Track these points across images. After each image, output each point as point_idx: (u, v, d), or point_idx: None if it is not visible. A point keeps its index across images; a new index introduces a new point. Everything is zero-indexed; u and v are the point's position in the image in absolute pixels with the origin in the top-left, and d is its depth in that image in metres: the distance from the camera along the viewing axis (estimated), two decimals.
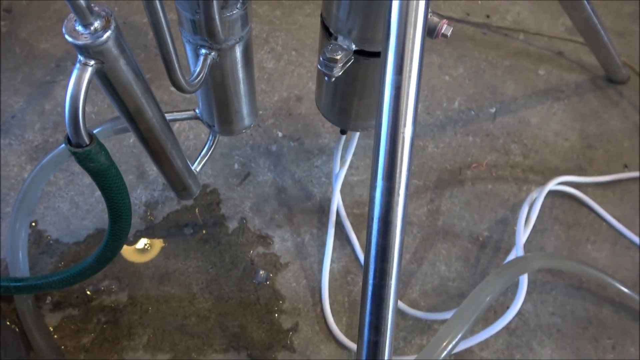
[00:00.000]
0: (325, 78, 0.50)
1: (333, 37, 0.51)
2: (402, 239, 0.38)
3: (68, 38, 0.35)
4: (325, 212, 0.77)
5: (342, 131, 0.69)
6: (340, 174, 0.73)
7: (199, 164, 0.64)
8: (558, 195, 0.81)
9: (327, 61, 0.48)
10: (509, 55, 0.97)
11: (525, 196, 0.81)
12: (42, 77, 0.86)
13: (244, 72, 0.53)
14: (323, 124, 0.85)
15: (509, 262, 0.61)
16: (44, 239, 0.72)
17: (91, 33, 0.34)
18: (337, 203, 0.74)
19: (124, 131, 0.62)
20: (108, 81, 0.38)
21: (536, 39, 1.00)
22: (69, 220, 0.74)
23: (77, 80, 0.36)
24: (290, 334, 0.68)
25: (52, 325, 0.67)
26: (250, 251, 0.73)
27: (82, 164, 0.40)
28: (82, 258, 0.71)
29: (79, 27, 0.35)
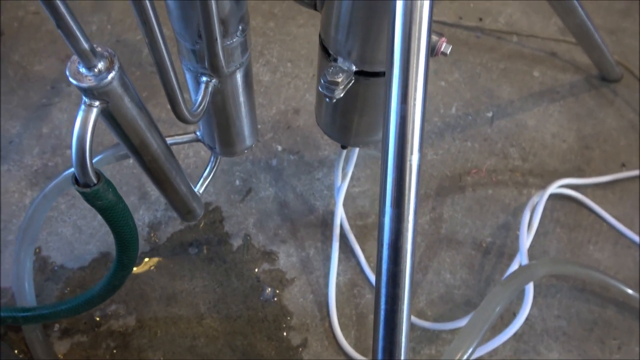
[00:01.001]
0: (326, 99, 0.50)
1: (332, 58, 0.51)
2: (412, 264, 0.38)
3: (72, 81, 0.35)
4: (328, 225, 0.78)
5: (343, 146, 0.69)
6: (342, 187, 0.74)
7: (202, 185, 0.64)
8: (558, 198, 0.82)
9: (328, 84, 0.48)
10: (503, 58, 0.98)
11: (525, 200, 0.82)
12: (37, 100, 0.86)
13: (245, 95, 0.53)
14: (322, 136, 0.86)
15: (514, 272, 0.61)
16: (48, 266, 0.72)
17: (95, 75, 0.34)
18: (340, 216, 0.75)
19: (125, 157, 0.62)
20: (113, 119, 0.38)
21: (529, 40, 1.00)
22: (72, 245, 0.74)
23: (83, 122, 0.35)
24: (300, 350, 0.68)
25: (61, 352, 0.66)
26: (256, 268, 0.74)
27: (90, 202, 0.40)
28: (88, 283, 0.71)
29: (82, 69, 0.34)
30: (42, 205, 0.63)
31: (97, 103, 0.36)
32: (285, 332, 0.69)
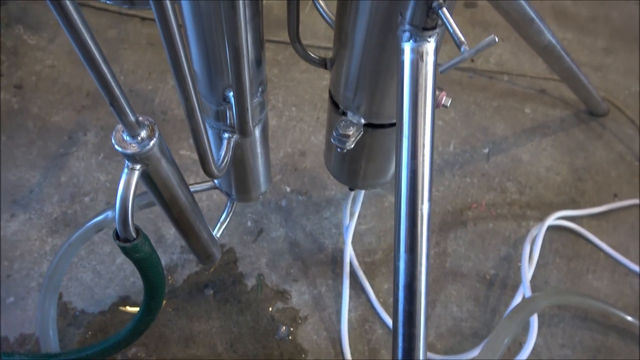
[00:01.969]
0: (337, 149, 0.55)
1: (341, 112, 0.56)
2: (426, 305, 0.42)
3: (118, 148, 0.39)
4: (338, 262, 0.81)
5: (350, 188, 0.73)
6: (350, 226, 0.77)
7: (219, 229, 0.68)
8: (556, 229, 0.86)
9: (340, 137, 0.52)
10: (495, 96, 1.03)
11: (524, 232, 0.86)
12: (56, 150, 0.90)
13: (262, 147, 0.57)
14: (328, 177, 0.90)
15: (518, 304, 0.64)
16: (69, 311, 0.75)
17: (138, 142, 0.38)
18: (349, 255, 0.78)
19: (148, 206, 0.65)
20: (151, 179, 0.42)
21: (519, 79, 1.06)
22: (92, 290, 0.76)
23: (126, 185, 0.39)
24: None
25: None
26: (270, 307, 0.76)
27: (128, 255, 0.43)
28: (109, 327, 0.73)
29: (127, 138, 0.39)
30: (67, 254, 0.66)
31: (138, 166, 0.40)
32: None
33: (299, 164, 0.91)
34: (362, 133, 0.55)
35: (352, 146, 0.54)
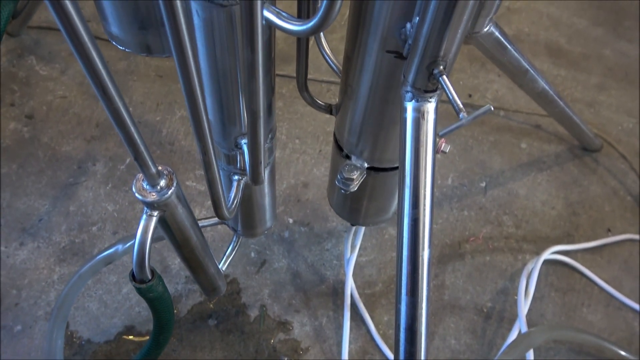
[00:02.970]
0: (342, 191, 0.57)
1: (345, 155, 0.58)
2: (427, 345, 0.44)
3: (138, 196, 0.41)
4: (339, 294, 0.83)
5: (352, 223, 0.76)
6: (351, 259, 0.79)
7: (225, 263, 0.70)
8: (551, 263, 0.88)
9: (344, 180, 0.55)
10: (492, 131, 1.07)
11: (521, 265, 0.88)
12: (65, 180, 0.93)
13: (269, 187, 0.60)
14: (330, 208, 0.92)
15: (514, 340, 0.66)
16: (75, 340, 0.76)
17: (158, 191, 0.41)
18: (350, 287, 0.80)
19: (156, 241, 0.68)
20: (166, 224, 0.44)
21: (515, 114, 1.10)
22: (98, 320, 0.78)
23: (144, 230, 0.42)
24: None
25: None
26: (272, 339, 0.78)
27: (143, 295, 0.45)
28: (114, 357, 0.75)
29: (147, 187, 0.41)
30: (76, 285, 0.68)
31: (156, 213, 0.42)
32: None
33: (301, 195, 0.94)
34: (365, 176, 0.57)
35: (356, 189, 0.57)
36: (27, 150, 0.96)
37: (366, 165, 0.56)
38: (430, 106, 0.41)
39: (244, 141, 0.49)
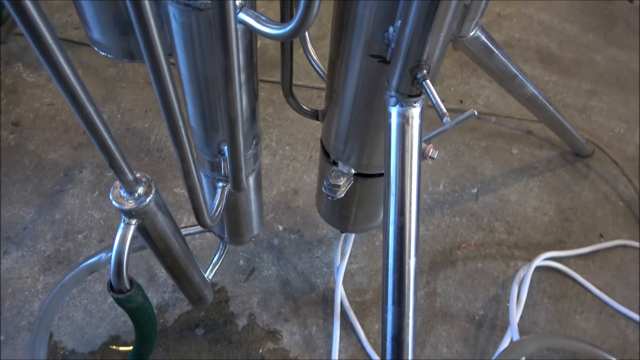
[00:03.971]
0: (329, 198, 0.56)
1: (332, 161, 0.58)
2: (414, 356, 0.43)
3: (115, 204, 0.40)
4: (329, 302, 0.81)
5: (341, 230, 0.74)
6: (341, 267, 0.78)
7: (211, 271, 0.69)
8: (544, 270, 0.87)
9: (331, 187, 0.54)
10: (484, 137, 1.06)
11: (513, 272, 0.87)
12: (51, 187, 0.91)
13: (255, 194, 0.59)
14: (320, 216, 0.91)
15: (506, 349, 0.65)
16: (59, 351, 0.74)
17: (135, 199, 0.40)
18: (340, 296, 0.79)
19: (139, 250, 0.66)
20: (146, 232, 0.43)
21: (507, 120, 1.10)
22: (83, 330, 0.76)
23: (122, 239, 0.41)
24: None
25: None
26: (260, 348, 0.77)
27: (122, 305, 0.44)
28: None
29: (124, 194, 0.40)
30: (59, 295, 0.67)
31: (134, 221, 0.41)
32: None
33: (291, 202, 0.93)
34: (352, 182, 0.56)
35: (343, 195, 0.56)
36: (13, 158, 0.94)
37: (353, 171, 0.55)
38: (415, 111, 0.40)
39: (226, 147, 0.48)
